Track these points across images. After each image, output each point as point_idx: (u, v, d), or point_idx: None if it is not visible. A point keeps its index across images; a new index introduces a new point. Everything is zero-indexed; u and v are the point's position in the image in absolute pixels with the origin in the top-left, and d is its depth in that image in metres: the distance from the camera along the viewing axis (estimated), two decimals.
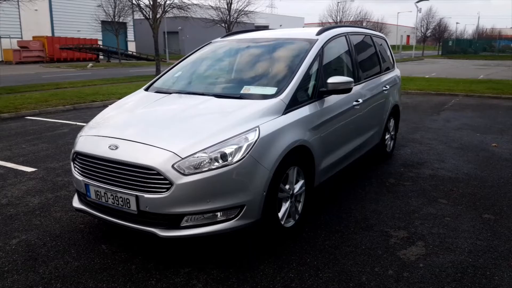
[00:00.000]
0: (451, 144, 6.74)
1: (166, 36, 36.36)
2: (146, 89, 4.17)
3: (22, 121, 9.22)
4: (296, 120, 3.33)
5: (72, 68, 30.04)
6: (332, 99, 3.87)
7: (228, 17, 26.83)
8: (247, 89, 3.58)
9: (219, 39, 4.78)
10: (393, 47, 78.36)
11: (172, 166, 2.75)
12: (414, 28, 60.49)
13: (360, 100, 4.41)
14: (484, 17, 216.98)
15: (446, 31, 66.34)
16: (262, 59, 4.07)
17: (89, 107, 11.45)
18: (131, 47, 47.34)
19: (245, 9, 27.23)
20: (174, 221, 2.84)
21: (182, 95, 3.77)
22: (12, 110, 10.01)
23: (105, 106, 12.00)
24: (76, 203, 3.37)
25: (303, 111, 3.47)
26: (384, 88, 5.19)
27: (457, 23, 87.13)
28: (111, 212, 3.04)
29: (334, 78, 3.68)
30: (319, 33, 4.15)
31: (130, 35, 50.15)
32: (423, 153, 6.18)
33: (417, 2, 47.14)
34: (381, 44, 5.66)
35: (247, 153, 2.85)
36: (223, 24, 27.31)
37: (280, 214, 3.21)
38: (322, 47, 3.95)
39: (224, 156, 2.81)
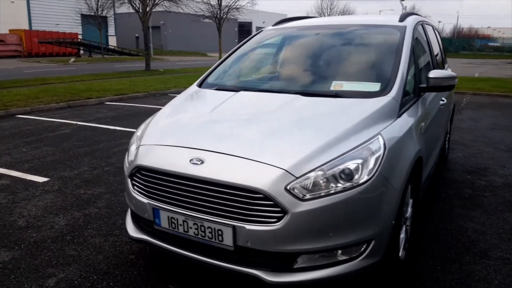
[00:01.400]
0: (497, 147, 6.25)
1: (151, 30, 35.00)
2: (200, 85, 3.43)
3: (13, 120, 8.25)
4: (411, 125, 2.68)
5: (53, 63, 28.55)
6: (427, 98, 3.25)
7: (218, 11, 25.95)
8: (338, 85, 2.89)
9: (271, 27, 4.06)
10: None
11: (286, 188, 2.06)
12: None
13: (444, 100, 3.80)
14: (461, 17, 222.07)
15: None
16: (345, 48, 3.38)
17: (84, 104, 10.52)
18: (112, 42, 45.71)
19: (236, 4, 26.38)
20: (285, 262, 2.14)
21: (255, 93, 3.06)
22: (1, 107, 9.00)
23: (102, 103, 11.11)
24: (133, 231, 2.63)
25: (413, 113, 2.82)
26: None
27: (439, 22, 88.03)
28: (192, 246, 2.32)
29: (436, 72, 3.05)
30: (402, 19, 3.51)
31: (111, 30, 48.44)
32: (476, 157, 5.65)
33: (402, 0, 47.29)
34: (438, 34, 5.08)
35: (377, 169, 2.17)
36: (213, 19, 26.39)
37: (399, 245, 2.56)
38: (413, 35, 3.30)
39: (348, 174, 2.13)
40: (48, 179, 4.57)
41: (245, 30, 72.57)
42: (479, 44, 66.15)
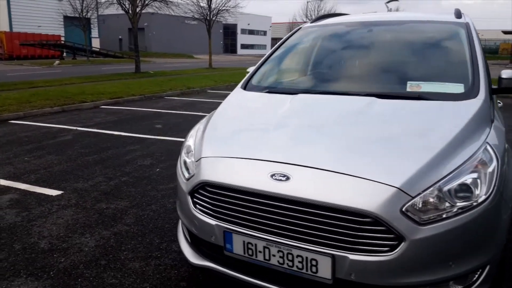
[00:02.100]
0: None
1: (137, 32, 34.16)
2: (245, 88, 3.08)
3: (7, 126, 7.72)
4: (503, 130, 2.40)
5: (37, 66, 27.60)
6: (494, 100, 2.99)
7: (208, 13, 25.51)
8: (415, 86, 2.58)
9: (311, 24, 3.72)
10: None
11: (401, 210, 1.73)
12: None
13: (501, 103, 3.55)
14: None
15: None
16: (411, 45, 3.06)
17: (79, 108, 10.02)
18: (95, 44, 44.56)
19: (226, 6, 26.00)
20: None
21: (318, 95, 2.72)
22: None
23: (97, 107, 10.59)
24: (193, 257, 2.25)
25: (497, 117, 2.54)
26: None
27: None
28: (273, 277, 1.96)
29: (509, 73, 2.79)
30: (458, 16, 3.25)
31: (94, 32, 47.35)
32: None
33: (387, 2, 47.69)
34: None
35: (494, 184, 1.87)
36: (203, 21, 25.94)
37: None
38: (476, 33, 3.04)
39: (466, 191, 1.82)
40: (61, 192, 4.14)
41: (230, 32, 72.30)
42: None
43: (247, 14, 65.42)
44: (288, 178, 1.88)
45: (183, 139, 6.49)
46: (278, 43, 3.56)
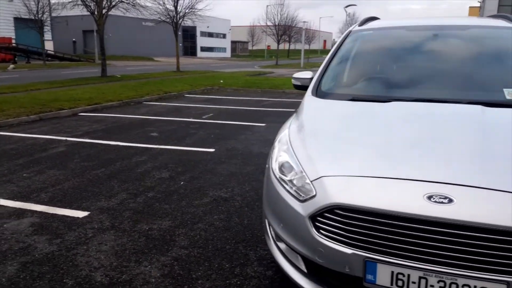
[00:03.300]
0: None
1: (93, 34, 32.77)
2: (319, 95, 2.87)
3: None
4: None
5: None
6: None
7: (175, 15, 24.90)
8: None
9: (360, 27, 3.56)
10: (316, 51, 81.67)
11: None
12: (339, 32, 63.21)
13: None
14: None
15: None
16: (486, 50, 2.99)
17: (57, 116, 9.33)
18: (49, 47, 42.30)
19: (193, 8, 25.50)
20: None
21: (418, 103, 2.56)
22: None
23: (76, 114, 9.89)
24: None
25: None
26: None
27: None
28: None
29: None
30: (510, 20, 3.24)
31: (48, 35, 44.96)
32: None
33: (346, 7, 49.07)
34: None
35: None
36: (170, 23, 25.27)
37: None
38: None
39: None
40: (87, 212, 3.71)
41: (189, 35, 71.25)
42: None
43: (207, 17, 64.96)
44: (451, 200, 1.70)
45: (189, 148, 6.23)
46: (334, 47, 3.38)
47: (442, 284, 1.70)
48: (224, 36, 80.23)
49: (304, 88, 3.42)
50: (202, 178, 4.72)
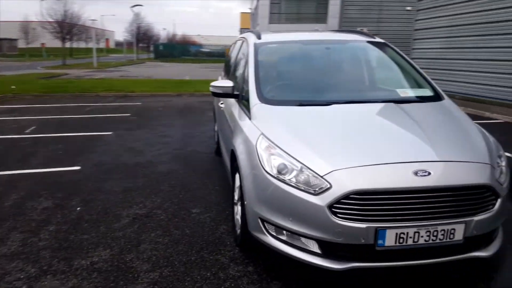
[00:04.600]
0: None
1: None
2: (264, 102, 3.17)
3: None
4: None
5: None
6: None
7: None
8: (404, 92, 3.45)
9: (259, 41, 3.93)
10: (101, 50, 77.05)
11: (496, 179, 2.53)
12: (126, 32, 61.73)
13: None
14: (178, 24, 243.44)
15: (154, 36, 70.75)
16: (366, 61, 3.87)
17: None
18: None
19: None
20: (489, 238, 2.61)
21: (351, 105, 3.20)
22: None
23: None
24: (336, 264, 2.40)
25: None
26: None
27: (164, 28, 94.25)
28: (418, 255, 2.43)
29: None
30: (372, 36, 4.28)
31: None
32: None
33: (133, 6, 48.21)
34: None
35: None
36: None
37: None
38: None
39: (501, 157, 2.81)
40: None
41: None
42: (194, 49, 75.26)
43: None
44: (429, 173, 2.37)
45: (45, 169, 5.70)
46: (251, 59, 3.59)
47: (428, 233, 2.38)
48: None
49: (225, 95, 3.67)
50: (98, 199, 4.30)
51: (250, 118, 3.13)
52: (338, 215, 2.35)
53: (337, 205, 2.35)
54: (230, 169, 3.53)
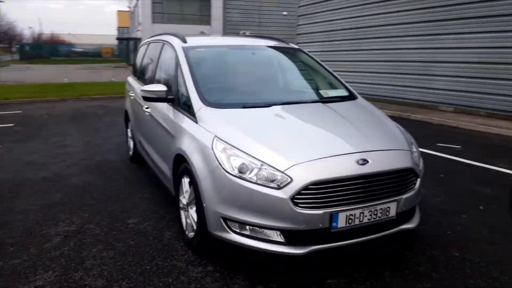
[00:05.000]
0: None
1: None
2: (212, 106, 3.28)
3: None
4: None
5: None
6: None
7: None
8: (325, 93, 3.86)
9: (189, 44, 3.96)
10: None
11: (415, 162, 3.06)
12: None
13: None
14: (45, 23, 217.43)
15: (16, 35, 62.85)
16: (287, 65, 4.20)
17: None
18: None
19: None
20: (412, 212, 3.14)
21: (287, 106, 3.48)
22: None
23: None
24: (297, 249, 2.67)
25: None
26: None
27: (29, 27, 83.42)
28: (362, 232, 2.82)
29: None
30: (287, 43, 4.68)
31: None
32: None
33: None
34: None
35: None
36: None
37: None
38: None
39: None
40: None
41: None
42: (65, 49, 69.17)
43: None
44: (367, 161, 2.78)
45: None
46: (186, 63, 3.60)
47: (370, 212, 2.80)
48: None
49: (159, 100, 3.66)
50: (15, 220, 3.87)
51: (196, 122, 3.20)
52: (299, 205, 2.62)
53: (298, 196, 2.62)
54: (172, 175, 3.53)
